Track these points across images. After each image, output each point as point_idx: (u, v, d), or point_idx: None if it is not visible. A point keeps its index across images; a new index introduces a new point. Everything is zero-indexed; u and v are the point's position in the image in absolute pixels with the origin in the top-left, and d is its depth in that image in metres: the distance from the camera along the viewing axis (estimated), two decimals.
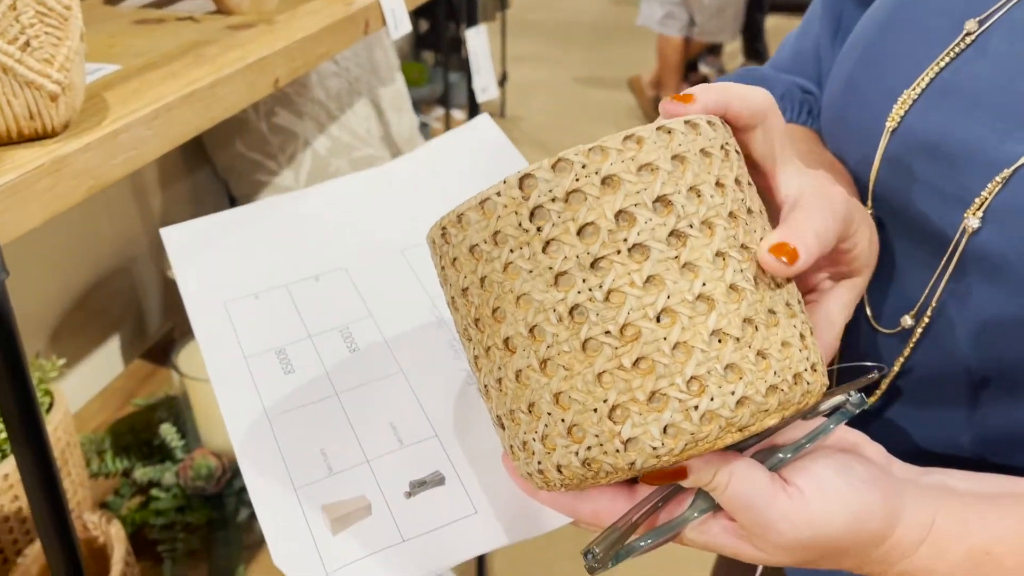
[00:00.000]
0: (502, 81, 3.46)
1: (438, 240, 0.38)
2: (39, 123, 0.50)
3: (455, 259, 0.37)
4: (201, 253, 0.54)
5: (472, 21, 1.20)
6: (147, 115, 0.56)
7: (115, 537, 0.72)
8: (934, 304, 0.45)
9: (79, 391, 1.08)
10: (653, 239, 0.33)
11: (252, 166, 1.19)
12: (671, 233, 0.33)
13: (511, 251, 0.34)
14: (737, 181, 0.36)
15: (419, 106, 2.26)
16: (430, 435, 0.46)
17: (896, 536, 0.38)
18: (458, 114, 2.50)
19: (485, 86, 1.18)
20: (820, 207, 0.38)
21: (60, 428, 0.76)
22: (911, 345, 0.47)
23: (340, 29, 0.81)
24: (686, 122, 0.35)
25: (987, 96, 0.43)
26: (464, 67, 1.22)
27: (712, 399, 0.33)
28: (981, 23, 0.44)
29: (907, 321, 0.47)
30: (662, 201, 0.34)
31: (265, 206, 0.58)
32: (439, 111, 2.60)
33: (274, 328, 0.50)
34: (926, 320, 0.46)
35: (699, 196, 0.34)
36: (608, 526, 0.38)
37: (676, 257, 0.33)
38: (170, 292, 1.10)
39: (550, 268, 0.34)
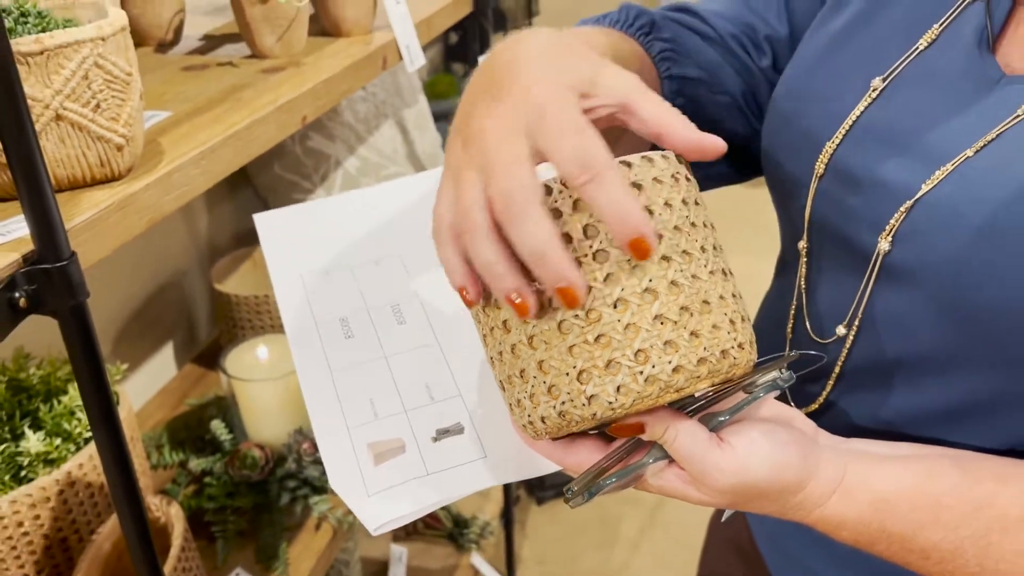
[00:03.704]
0: None
1: None
2: (108, 169, 0.60)
3: None
4: (285, 237, 0.66)
5: (485, 47, 1.30)
6: (195, 157, 0.66)
7: (175, 517, 0.83)
8: (860, 314, 0.53)
9: (139, 393, 1.19)
10: (612, 247, 0.42)
11: (289, 186, 1.30)
12: None
13: None
14: (684, 201, 0.44)
15: (448, 117, 2.36)
16: (455, 394, 0.56)
17: (810, 487, 0.47)
18: None
19: None
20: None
21: (125, 424, 0.87)
22: (846, 348, 0.55)
23: (361, 67, 0.91)
24: (643, 157, 0.44)
25: (892, 139, 0.51)
26: None
27: (654, 366, 0.42)
28: (885, 79, 0.53)
29: (840, 330, 0.55)
30: None
31: (339, 201, 0.70)
32: None
33: (339, 301, 0.62)
34: (855, 327, 0.54)
35: (650, 214, 0.43)
36: (583, 471, 0.47)
37: (629, 260, 0.42)
38: (217, 303, 1.21)
39: None
